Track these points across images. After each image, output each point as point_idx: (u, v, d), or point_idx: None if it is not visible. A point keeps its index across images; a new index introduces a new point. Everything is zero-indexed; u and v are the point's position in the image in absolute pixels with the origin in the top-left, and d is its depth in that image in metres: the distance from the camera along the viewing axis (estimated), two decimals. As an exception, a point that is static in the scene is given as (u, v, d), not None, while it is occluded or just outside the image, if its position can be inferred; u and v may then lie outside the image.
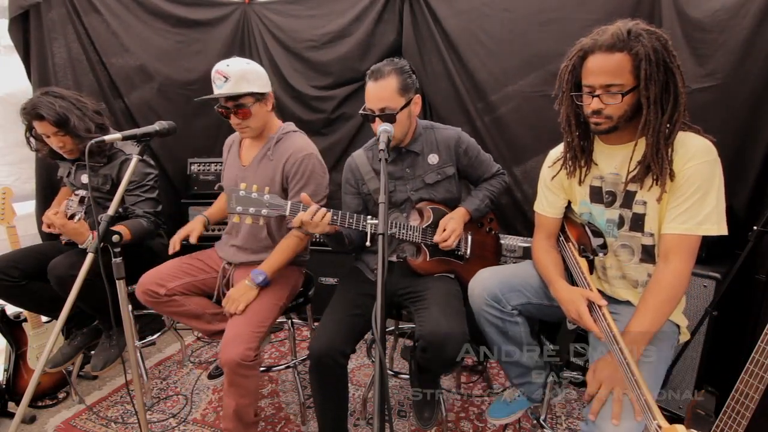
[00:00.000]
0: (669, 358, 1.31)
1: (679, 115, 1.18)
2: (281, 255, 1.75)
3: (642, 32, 1.14)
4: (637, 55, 1.13)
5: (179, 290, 1.77)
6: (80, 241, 1.79)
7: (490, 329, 1.49)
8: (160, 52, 2.70)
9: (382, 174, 1.14)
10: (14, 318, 2.07)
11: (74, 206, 1.73)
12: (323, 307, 1.68)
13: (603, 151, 1.35)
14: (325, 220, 1.46)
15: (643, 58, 1.12)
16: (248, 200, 1.44)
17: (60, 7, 2.47)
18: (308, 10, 2.69)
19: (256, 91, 1.69)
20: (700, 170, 1.17)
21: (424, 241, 1.67)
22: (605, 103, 1.20)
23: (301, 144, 1.78)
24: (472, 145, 1.76)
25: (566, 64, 1.27)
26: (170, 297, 1.75)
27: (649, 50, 1.12)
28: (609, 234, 1.37)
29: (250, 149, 1.86)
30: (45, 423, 2.02)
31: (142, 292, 1.75)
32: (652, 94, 1.15)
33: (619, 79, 1.16)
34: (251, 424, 1.67)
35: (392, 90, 1.54)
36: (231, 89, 1.64)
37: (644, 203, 1.28)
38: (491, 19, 2.33)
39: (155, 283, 1.74)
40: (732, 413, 1.37)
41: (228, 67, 1.65)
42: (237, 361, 1.51)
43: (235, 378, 1.55)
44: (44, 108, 1.80)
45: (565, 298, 1.34)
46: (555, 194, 1.49)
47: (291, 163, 1.74)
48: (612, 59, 1.16)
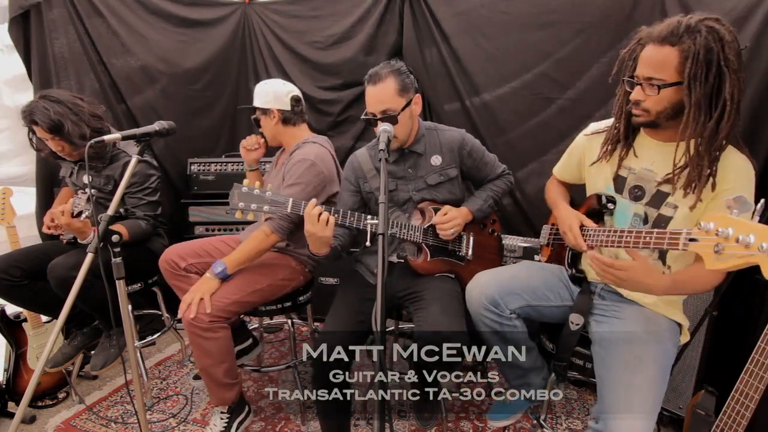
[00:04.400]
0: (673, 356, 1.30)
1: (725, 123, 1.12)
2: (245, 245, 1.77)
3: (702, 28, 1.08)
4: (685, 51, 1.08)
5: (197, 268, 1.83)
6: (83, 239, 1.80)
7: (488, 333, 1.48)
8: (161, 52, 2.69)
9: (382, 174, 1.14)
10: (14, 318, 2.07)
11: (82, 204, 1.74)
12: (323, 307, 1.68)
13: (644, 143, 1.33)
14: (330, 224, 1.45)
15: (690, 56, 1.08)
16: (250, 196, 1.46)
17: (60, 7, 2.48)
18: (310, 11, 2.69)
19: (259, 106, 1.87)
20: (744, 186, 1.16)
21: (425, 241, 1.67)
22: (646, 94, 1.17)
23: (306, 151, 1.83)
24: (477, 146, 1.75)
25: (628, 49, 1.25)
26: (187, 273, 1.82)
27: (700, 48, 1.07)
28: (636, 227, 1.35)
29: (280, 158, 2.04)
30: (45, 423, 2.02)
31: (165, 260, 1.84)
32: (694, 95, 1.10)
33: (661, 73, 1.13)
34: (224, 384, 1.75)
35: (391, 92, 1.54)
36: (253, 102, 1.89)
37: (675, 207, 1.25)
38: (490, 21, 2.33)
39: (178, 255, 1.84)
40: (732, 413, 1.37)
41: (258, 84, 1.92)
42: (188, 320, 1.63)
43: (194, 337, 1.66)
44: (38, 114, 1.81)
45: (562, 215, 1.43)
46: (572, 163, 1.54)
47: (289, 164, 1.82)
48: (660, 52, 1.12)
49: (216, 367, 1.70)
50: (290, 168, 1.80)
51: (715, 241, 0.90)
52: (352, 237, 1.72)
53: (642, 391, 1.16)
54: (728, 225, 0.88)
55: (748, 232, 0.85)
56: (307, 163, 1.77)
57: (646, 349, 1.24)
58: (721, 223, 0.90)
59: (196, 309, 1.61)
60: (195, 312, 1.61)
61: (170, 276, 1.85)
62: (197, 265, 1.84)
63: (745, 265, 0.86)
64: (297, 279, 1.92)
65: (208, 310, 1.62)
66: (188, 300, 1.64)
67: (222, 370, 1.72)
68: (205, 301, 1.63)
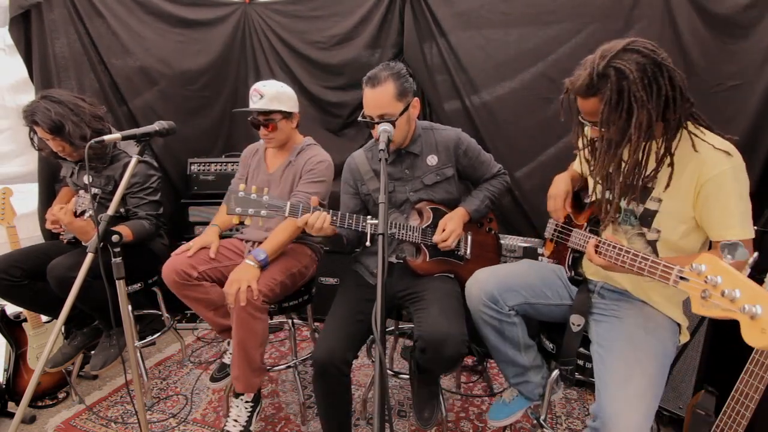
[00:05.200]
0: (672, 355, 1.31)
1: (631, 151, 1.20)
2: (281, 234, 1.81)
3: (611, 72, 1.14)
4: (602, 99, 1.17)
5: (209, 274, 1.82)
6: (85, 239, 1.79)
7: (487, 330, 1.49)
8: (161, 52, 2.70)
9: (382, 174, 1.14)
10: (14, 318, 2.07)
11: (85, 204, 1.74)
12: (323, 307, 1.68)
13: None
14: (326, 223, 1.48)
15: (604, 103, 1.16)
16: (247, 201, 1.45)
17: (61, 8, 2.48)
18: (311, 11, 2.69)
19: (285, 110, 1.88)
20: (719, 181, 1.18)
21: (424, 242, 1.67)
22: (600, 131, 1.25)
23: (321, 153, 1.97)
24: (473, 145, 1.76)
25: (561, 99, 1.32)
26: (200, 281, 1.78)
27: (613, 93, 1.15)
28: (626, 222, 1.38)
29: (276, 158, 2.02)
30: (45, 423, 2.02)
31: (174, 272, 1.72)
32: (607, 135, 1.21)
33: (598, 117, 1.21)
34: (258, 369, 1.77)
35: (390, 96, 1.54)
36: (264, 105, 1.84)
37: (659, 201, 1.29)
38: (490, 21, 2.34)
39: (188, 265, 1.75)
40: (732, 413, 1.37)
41: (264, 87, 1.87)
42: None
43: (245, 318, 1.65)
44: (39, 115, 1.81)
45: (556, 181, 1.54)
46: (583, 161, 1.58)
47: (310, 163, 1.91)
48: (588, 103, 1.23)
49: (257, 349, 1.73)
50: (313, 167, 1.90)
51: (702, 288, 0.91)
52: (357, 235, 1.72)
53: (640, 390, 1.16)
54: (718, 273, 0.88)
55: (734, 286, 0.85)
56: (326, 164, 1.93)
57: (644, 349, 1.24)
58: (712, 269, 0.90)
59: (244, 297, 1.63)
60: (245, 300, 1.63)
61: (181, 287, 1.75)
62: (209, 272, 1.81)
63: (727, 318, 0.86)
64: (312, 267, 2.01)
65: (256, 295, 1.65)
66: (234, 289, 1.64)
67: (260, 352, 1.76)
68: (253, 288, 1.65)
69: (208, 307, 1.82)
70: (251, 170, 2.07)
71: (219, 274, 1.83)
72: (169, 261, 1.77)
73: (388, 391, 1.36)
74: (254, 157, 2.09)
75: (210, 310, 1.83)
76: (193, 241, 1.86)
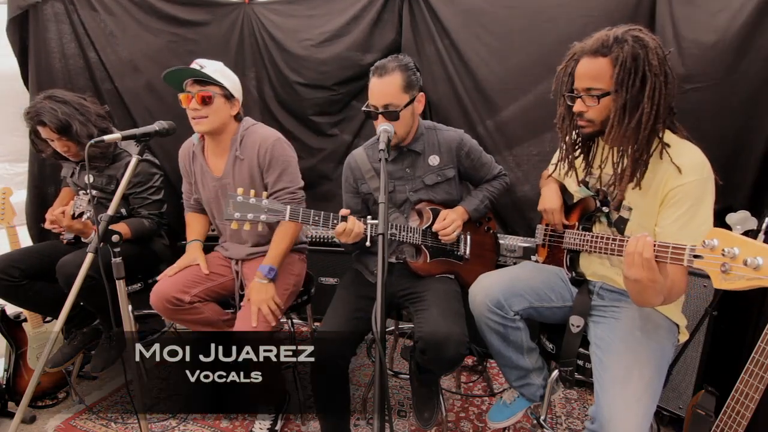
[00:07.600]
0: (670, 355, 1.31)
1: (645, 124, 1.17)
2: (282, 243, 1.77)
3: (629, 38, 1.15)
4: (616, 60, 1.15)
5: (201, 296, 1.76)
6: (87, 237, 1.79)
7: (492, 335, 1.48)
8: (159, 52, 2.69)
9: (382, 174, 1.14)
10: (14, 318, 2.06)
11: (83, 205, 1.74)
12: (323, 307, 1.68)
13: (601, 149, 1.38)
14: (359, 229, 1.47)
15: (619, 64, 1.15)
16: (246, 206, 1.42)
17: (59, 8, 2.47)
18: (308, 10, 2.68)
19: (227, 86, 1.72)
20: (694, 188, 1.18)
21: (424, 243, 1.67)
22: (588, 105, 1.23)
23: (265, 132, 1.79)
24: (474, 147, 1.75)
25: (562, 66, 1.30)
26: (192, 304, 1.73)
27: (627, 56, 1.14)
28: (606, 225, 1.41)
29: (218, 159, 1.83)
30: (45, 423, 2.01)
31: (164, 300, 1.67)
32: (621, 99, 1.17)
33: (598, 83, 1.19)
34: None
35: (396, 87, 1.53)
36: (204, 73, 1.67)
37: (629, 209, 1.30)
38: (492, 16, 2.32)
39: (179, 290, 1.69)
40: (732, 413, 1.37)
41: (207, 62, 1.72)
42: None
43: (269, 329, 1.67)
44: (46, 115, 1.80)
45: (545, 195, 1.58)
46: None
47: (263, 152, 1.75)
48: (594, 63, 1.19)
49: None
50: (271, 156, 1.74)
51: (721, 261, 0.88)
52: None
53: (638, 393, 1.16)
54: (734, 244, 0.86)
55: (756, 254, 0.83)
56: (278, 141, 1.77)
57: (643, 349, 1.25)
58: (726, 241, 0.88)
59: (272, 318, 1.65)
60: (275, 320, 1.65)
61: (173, 313, 1.71)
62: (201, 294, 1.76)
63: (754, 287, 0.85)
64: (303, 270, 1.96)
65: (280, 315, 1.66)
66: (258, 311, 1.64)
67: None
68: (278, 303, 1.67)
69: (204, 326, 1.81)
70: (198, 178, 1.90)
71: (210, 292, 1.80)
72: (157, 287, 1.71)
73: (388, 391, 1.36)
74: (194, 162, 1.89)
75: (207, 327, 1.82)
76: (177, 264, 1.81)
